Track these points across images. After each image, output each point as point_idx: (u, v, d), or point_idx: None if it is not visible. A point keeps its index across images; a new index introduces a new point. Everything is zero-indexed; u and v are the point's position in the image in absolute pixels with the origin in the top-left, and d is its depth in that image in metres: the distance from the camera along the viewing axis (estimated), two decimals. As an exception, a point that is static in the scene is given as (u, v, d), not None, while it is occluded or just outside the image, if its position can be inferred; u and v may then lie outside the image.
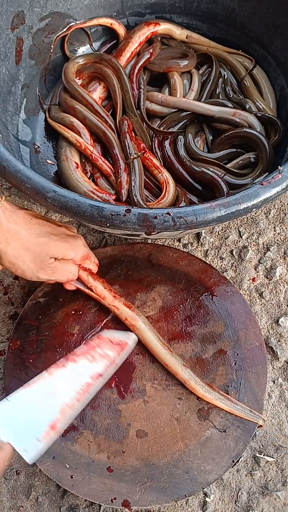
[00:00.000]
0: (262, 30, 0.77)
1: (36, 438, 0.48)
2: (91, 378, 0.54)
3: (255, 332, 0.63)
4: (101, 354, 0.56)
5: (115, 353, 0.56)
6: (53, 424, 0.49)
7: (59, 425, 0.50)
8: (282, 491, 0.59)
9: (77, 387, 0.53)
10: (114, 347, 0.57)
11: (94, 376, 0.54)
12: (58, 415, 0.50)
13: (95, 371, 0.54)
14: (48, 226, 0.55)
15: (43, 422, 0.49)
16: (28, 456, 0.47)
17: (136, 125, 0.73)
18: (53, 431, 0.49)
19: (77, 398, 0.52)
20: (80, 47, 0.82)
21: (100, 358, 0.55)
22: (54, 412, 0.50)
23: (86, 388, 0.53)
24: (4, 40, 0.69)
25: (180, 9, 0.83)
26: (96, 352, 0.56)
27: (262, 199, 0.53)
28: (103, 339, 0.57)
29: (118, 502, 0.54)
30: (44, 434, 0.49)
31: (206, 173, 0.69)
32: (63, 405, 0.51)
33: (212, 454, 0.57)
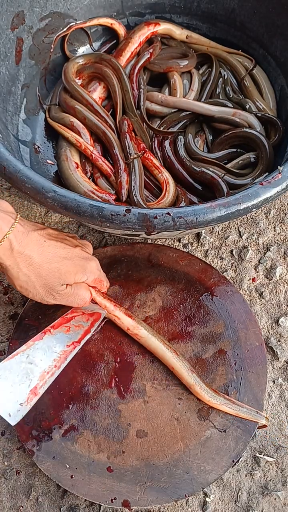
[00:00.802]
0: (262, 30, 0.77)
1: (19, 403, 0.55)
2: (67, 346, 0.59)
3: (255, 332, 0.63)
4: (76, 325, 0.60)
5: (88, 323, 0.61)
6: (34, 389, 0.56)
7: (40, 390, 0.56)
8: (282, 491, 0.59)
9: (54, 355, 0.58)
10: (87, 317, 0.61)
11: (70, 343, 0.59)
12: (38, 381, 0.56)
13: (71, 339, 0.59)
14: (62, 248, 0.54)
15: (24, 388, 0.56)
16: (12, 419, 0.54)
17: (136, 125, 0.73)
18: (34, 396, 0.56)
19: (55, 365, 0.58)
20: (80, 47, 0.82)
21: (74, 329, 0.60)
22: (34, 378, 0.56)
23: (63, 355, 0.59)
24: (4, 40, 0.69)
25: (180, 9, 0.83)
26: (71, 324, 0.60)
27: (262, 199, 0.53)
28: (77, 311, 0.62)
29: (118, 502, 0.54)
30: (26, 398, 0.55)
31: (206, 173, 0.69)
32: (42, 371, 0.57)
33: (212, 454, 0.57)
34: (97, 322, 0.62)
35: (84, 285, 0.57)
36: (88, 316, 0.61)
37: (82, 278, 0.55)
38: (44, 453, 0.57)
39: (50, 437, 0.57)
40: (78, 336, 0.60)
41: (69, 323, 0.60)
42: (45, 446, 0.57)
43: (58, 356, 0.58)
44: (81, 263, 0.55)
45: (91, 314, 0.62)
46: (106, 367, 0.61)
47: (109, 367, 0.61)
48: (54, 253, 0.53)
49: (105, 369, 0.61)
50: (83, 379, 0.60)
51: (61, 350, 0.59)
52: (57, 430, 0.58)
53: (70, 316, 0.61)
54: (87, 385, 0.60)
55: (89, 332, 0.61)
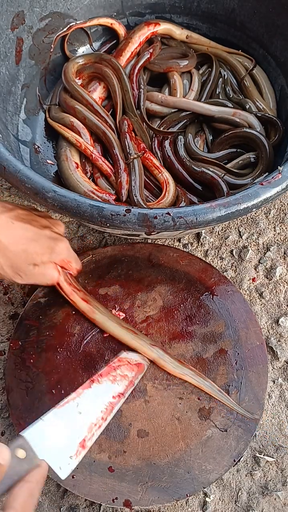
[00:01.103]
0: (262, 30, 0.77)
1: (69, 456, 0.51)
2: (113, 397, 0.57)
3: (255, 331, 0.63)
4: (121, 375, 0.59)
5: (133, 374, 0.59)
6: (83, 442, 0.52)
7: (88, 443, 0.53)
8: (282, 491, 0.59)
9: (102, 406, 0.56)
10: (132, 367, 0.60)
11: (116, 395, 0.57)
12: (86, 434, 0.53)
13: (117, 390, 0.58)
14: (30, 230, 0.54)
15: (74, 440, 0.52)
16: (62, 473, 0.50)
17: (136, 125, 0.73)
18: (83, 449, 0.52)
19: (103, 417, 0.55)
20: (80, 47, 0.82)
21: (120, 379, 0.58)
22: (83, 430, 0.53)
23: (110, 407, 0.56)
24: (4, 40, 0.69)
25: (180, 9, 0.83)
26: (117, 373, 0.59)
27: (262, 199, 0.53)
28: (123, 360, 0.60)
29: (120, 502, 0.54)
30: (75, 452, 0.52)
31: (206, 173, 0.69)
32: (91, 424, 0.54)
33: (213, 454, 0.57)
34: (141, 373, 0.61)
35: (51, 264, 0.58)
36: (132, 366, 0.60)
37: (50, 258, 0.56)
38: (45, 453, 0.57)
39: (51, 437, 0.57)
40: (123, 387, 0.59)
41: (115, 373, 0.59)
42: (46, 446, 0.57)
43: (105, 408, 0.56)
44: (49, 244, 0.56)
45: (136, 364, 0.61)
46: None
47: (110, 367, 0.61)
48: (21, 235, 0.53)
49: None
50: (84, 379, 0.60)
51: (108, 402, 0.57)
52: (58, 430, 0.58)
53: (116, 364, 0.60)
54: (88, 385, 0.60)
55: (133, 384, 0.59)
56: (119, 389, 0.58)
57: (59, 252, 0.57)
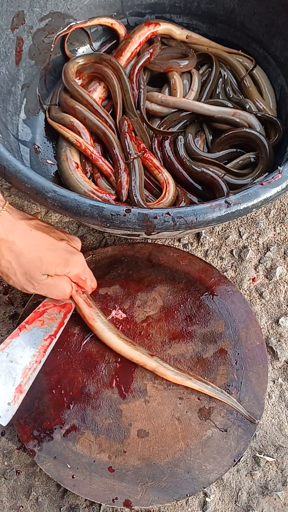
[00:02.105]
0: (262, 30, 0.77)
1: (7, 403, 0.55)
2: (45, 340, 0.59)
3: (255, 331, 0.63)
4: (49, 318, 0.60)
5: (61, 314, 0.61)
6: (19, 388, 0.56)
7: (25, 387, 0.57)
8: (282, 491, 0.59)
9: (33, 350, 0.59)
10: (59, 308, 0.61)
11: (47, 337, 0.60)
12: (22, 379, 0.57)
13: (47, 332, 0.60)
14: (47, 240, 0.54)
15: (9, 387, 0.56)
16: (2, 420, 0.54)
17: (136, 125, 0.73)
18: (20, 393, 0.56)
19: (36, 360, 0.58)
20: (80, 47, 0.82)
21: (48, 322, 0.60)
22: (17, 376, 0.57)
23: (42, 350, 0.59)
24: (4, 40, 0.69)
25: (180, 9, 0.83)
26: (44, 317, 0.61)
27: (262, 199, 0.53)
28: (48, 304, 0.62)
29: (120, 502, 0.54)
30: (13, 398, 0.55)
31: (206, 173, 0.69)
32: (24, 369, 0.57)
33: (213, 454, 0.57)
34: (69, 313, 0.62)
35: (65, 278, 0.57)
36: (59, 308, 0.61)
37: (64, 270, 0.56)
38: (45, 453, 0.57)
39: (51, 437, 0.57)
40: (53, 329, 0.60)
41: (42, 317, 0.60)
42: (46, 446, 0.57)
43: (37, 351, 0.58)
44: (64, 256, 0.55)
45: (62, 305, 0.62)
46: (107, 367, 0.61)
47: (110, 367, 0.61)
48: (38, 243, 0.53)
49: (106, 369, 0.61)
50: (84, 379, 0.60)
51: (39, 345, 0.59)
52: (58, 430, 0.58)
53: (42, 309, 0.61)
54: (88, 385, 0.60)
55: (63, 324, 0.61)
56: (49, 331, 0.60)
57: (74, 266, 0.57)
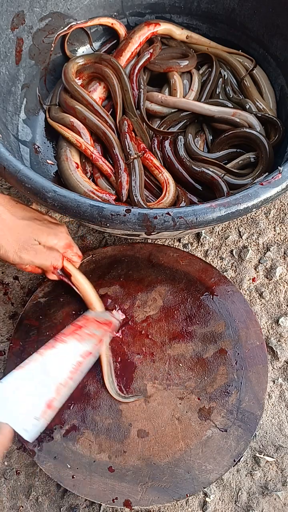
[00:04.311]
0: (262, 30, 0.77)
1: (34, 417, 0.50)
2: (82, 356, 0.56)
3: (255, 331, 0.63)
4: (89, 333, 0.57)
5: (102, 332, 0.58)
6: (50, 403, 0.51)
7: (55, 403, 0.52)
8: (282, 491, 0.59)
9: (69, 366, 0.55)
10: (101, 325, 0.59)
11: (84, 354, 0.56)
12: (53, 394, 0.52)
13: (85, 350, 0.56)
14: (32, 212, 0.57)
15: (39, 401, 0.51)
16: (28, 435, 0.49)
17: (136, 125, 0.73)
18: (50, 409, 0.51)
19: (70, 377, 0.54)
20: (80, 47, 0.82)
21: (88, 338, 0.57)
22: (49, 391, 0.52)
23: (77, 367, 0.55)
24: (4, 40, 0.69)
25: (180, 9, 0.83)
26: (83, 332, 0.57)
27: (262, 199, 0.53)
28: (89, 319, 0.59)
29: (120, 502, 0.54)
30: (41, 413, 0.50)
31: (206, 173, 0.69)
32: (58, 384, 0.53)
33: (213, 454, 0.57)
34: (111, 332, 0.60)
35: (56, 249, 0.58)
36: (102, 325, 0.59)
37: (53, 240, 0.57)
38: (45, 453, 0.57)
39: (51, 437, 0.57)
40: (92, 346, 0.56)
41: (81, 331, 0.57)
42: (46, 446, 0.57)
43: (73, 368, 0.55)
44: (52, 226, 0.58)
45: (105, 323, 0.59)
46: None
47: (110, 367, 0.61)
48: (25, 213, 0.56)
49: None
50: (84, 379, 0.60)
51: (75, 361, 0.55)
52: (58, 430, 0.58)
53: (81, 323, 0.58)
54: (88, 385, 0.60)
55: (103, 343, 0.58)
56: (87, 348, 0.56)
57: (62, 236, 0.59)
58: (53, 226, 0.58)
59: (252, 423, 0.58)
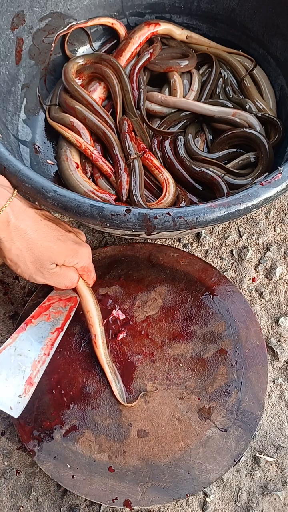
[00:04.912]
0: (262, 30, 0.77)
1: (18, 396, 0.56)
2: (52, 333, 0.60)
3: (255, 331, 0.63)
4: (55, 311, 0.61)
5: (67, 307, 0.62)
6: (29, 380, 0.57)
7: (35, 379, 0.58)
8: (282, 491, 0.59)
9: (41, 343, 0.60)
10: (65, 302, 0.62)
11: (54, 330, 0.61)
12: (31, 371, 0.57)
13: (54, 326, 0.61)
14: (56, 230, 0.54)
15: (19, 380, 0.57)
16: (14, 412, 0.55)
17: (136, 125, 0.73)
18: (31, 386, 0.57)
19: (45, 353, 0.59)
20: (80, 47, 0.82)
21: (55, 315, 0.61)
22: (27, 369, 0.57)
23: (50, 342, 0.60)
24: (4, 40, 0.69)
25: (180, 9, 0.83)
26: (50, 311, 0.61)
27: (262, 199, 0.53)
28: (53, 298, 0.63)
29: (120, 502, 0.54)
30: (23, 390, 0.56)
31: (206, 173, 0.69)
32: (33, 361, 0.58)
33: (213, 454, 0.57)
34: (75, 307, 0.62)
35: (73, 268, 0.57)
36: (65, 302, 0.62)
37: (73, 261, 0.56)
38: (45, 453, 0.57)
39: (51, 437, 0.57)
40: (60, 322, 0.61)
41: (48, 311, 0.61)
42: (46, 446, 0.57)
43: (45, 344, 0.60)
44: (74, 247, 0.56)
45: (67, 299, 0.62)
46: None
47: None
48: (49, 232, 0.53)
49: None
50: (84, 379, 0.60)
51: (46, 338, 0.60)
52: (58, 430, 0.58)
53: (47, 304, 0.62)
54: (88, 385, 0.60)
55: (70, 317, 0.62)
56: (56, 324, 0.61)
57: (82, 258, 0.57)
58: (75, 247, 0.56)
59: (252, 423, 0.58)
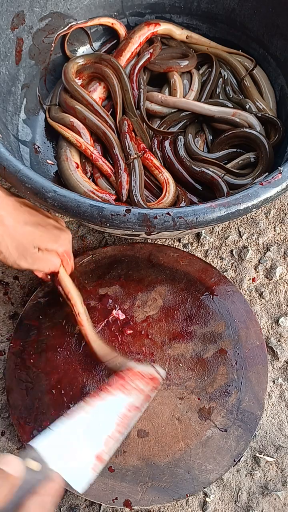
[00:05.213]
0: (262, 30, 0.77)
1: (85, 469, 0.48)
2: (128, 410, 0.53)
3: (255, 331, 0.63)
4: (135, 388, 0.55)
5: (148, 388, 0.56)
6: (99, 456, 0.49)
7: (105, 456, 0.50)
8: (282, 491, 0.59)
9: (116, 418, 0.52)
10: (147, 381, 0.56)
11: (131, 408, 0.54)
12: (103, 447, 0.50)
13: (131, 403, 0.54)
14: (36, 215, 0.56)
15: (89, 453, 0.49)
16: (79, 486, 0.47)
17: (136, 125, 0.73)
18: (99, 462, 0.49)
19: (118, 430, 0.52)
20: (80, 47, 0.82)
21: (134, 392, 0.55)
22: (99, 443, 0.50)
23: (124, 420, 0.53)
24: (4, 40, 0.69)
25: (180, 9, 0.83)
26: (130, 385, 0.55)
27: (262, 199, 0.53)
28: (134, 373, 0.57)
29: (120, 502, 0.54)
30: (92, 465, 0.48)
31: (206, 173, 0.69)
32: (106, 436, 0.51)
33: (213, 454, 0.57)
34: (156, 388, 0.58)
35: (54, 252, 0.58)
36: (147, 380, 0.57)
37: (54, 246, 0.57)
38: (45, 453, 0.56)
39: (51, 437, 0.57)
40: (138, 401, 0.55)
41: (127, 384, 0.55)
42: (46, 446, 0.57)
43: (120, 420, 0.53)
44: (55, 232, 0.56)
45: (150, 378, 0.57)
46: (107, 367, 0.61)
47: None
48: (29, 218, 0.54)
49: (106, 369, 0.61)
50: (84, 379, 0.60)
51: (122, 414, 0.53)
52: (58, 430, 0.58)
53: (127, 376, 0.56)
54: (88, 385, 0.60)
55: (150, 399, 0.56)
56: (133, 402, 0.54)
57: (63, 243, 0.58)
58: (56, 231, 0.57)
59: (252, 423, 0.58)
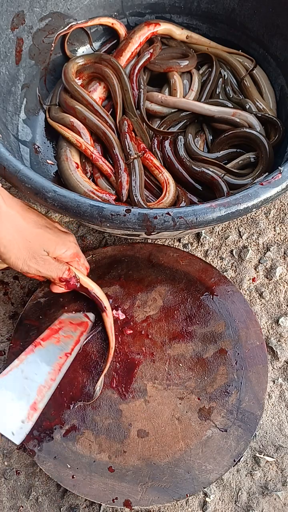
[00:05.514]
0: (262, 30, 0.77)
1: (21, 421, 0.53)
2: (60, 357, 0.58)
3: (255, 331, 0.63)
4: (65, 335, 0.60)
5: (78, 332, 0.60)
6: (33, 405, 0.54)
7: (39, 405, 0.55)
8: (282, 491, 0.59)
9: (48, 368, 0.57)
10: (75, 326, 0.61)
11: (63, 355, 0.58)
12: (36, 396, 0.55)
13: (63, 350, 0.59)
14: (43, 218, 0.57)
15: (23, 404, 0.54)
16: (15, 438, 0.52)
17: (136, 125, 0.73)
18: (34, 411, 0.54)
19: (51, 378, 0.57)
20: (80, 47, 0.82)
21: (64, 339, 0.59)
22: (32, 394, 0.55)
23: (57, 367, 0.57)
24: (4, 40, 0.69)
25: (180, 9, 0.83)
26: (60, 335, 0.60)
27: (262, 199, 0.53)
28: (64, 322, 0.61)
29: (120, 502, 0.54)
30: (27, 415, 0.53)
31: (206, 173, 0.69)
32: (39, 386, 0.55)
33: (213, 454, 0.57)
34: (86, 332, 0.62)
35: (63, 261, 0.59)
36: (76, 326, 0.61)
37: (62, 249, 0.57)
38: (45, 453, 0.57)
39: (51, 437, 0.57)
40: (69, 346, 0.59)
41: (58, 334, 0.60)
42: (46, 446, 0.57)
43: (52, 369, 0.57)
44: (61, 235, 0.57)
45: (79, 323, 0.61)
46: None
47: (110, 367, 0.61)
48: (38, 220, 0.55)
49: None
50: (84, 379, 0.60)
51: (54, 363, 0.58)
52: (58, 430, 0.58)
53: (57, 326, 0.61)
54: (88, 385, 0.60)
55: (79, 342, 0.61)
56: (65, 349, 0.59)
57: (70, 245, 0.58)
58: (63, 235, 0.58)
59: (252, 423, 0.58)
